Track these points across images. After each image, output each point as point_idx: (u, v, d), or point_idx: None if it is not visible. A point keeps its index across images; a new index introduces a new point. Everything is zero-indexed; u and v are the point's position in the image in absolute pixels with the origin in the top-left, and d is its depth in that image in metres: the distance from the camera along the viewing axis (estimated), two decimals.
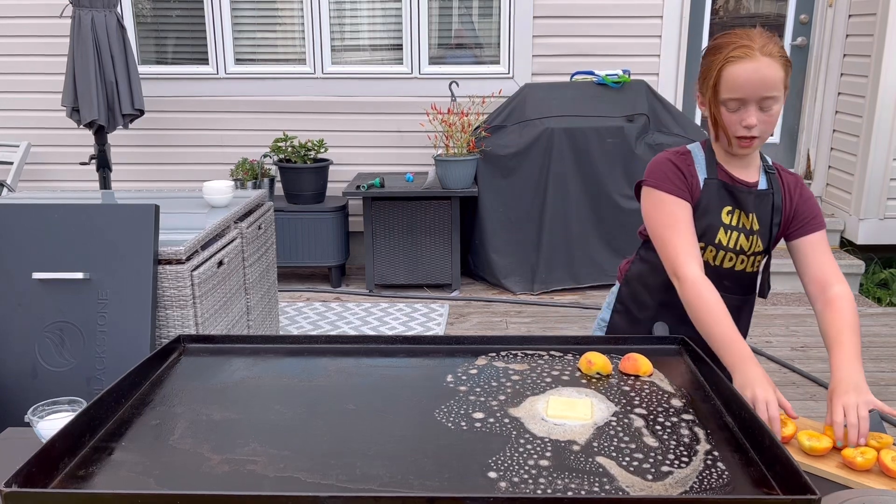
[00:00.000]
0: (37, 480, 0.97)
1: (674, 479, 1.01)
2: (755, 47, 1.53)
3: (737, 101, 1.55)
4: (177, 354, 1.44)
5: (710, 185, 1.65)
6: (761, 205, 1.67)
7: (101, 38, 4.08)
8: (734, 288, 1.72)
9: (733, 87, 1.54)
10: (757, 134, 1.57)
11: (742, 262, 1.70)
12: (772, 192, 1.68)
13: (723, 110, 1.58)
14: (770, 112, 1.56)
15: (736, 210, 1.66)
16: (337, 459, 1.06)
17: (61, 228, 2.31)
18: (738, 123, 1.57)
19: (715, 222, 1.66)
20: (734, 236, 1.67)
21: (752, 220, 1.67)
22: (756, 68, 1.52)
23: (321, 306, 4.46)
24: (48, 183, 5.06)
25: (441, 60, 5.02)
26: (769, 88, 1.53)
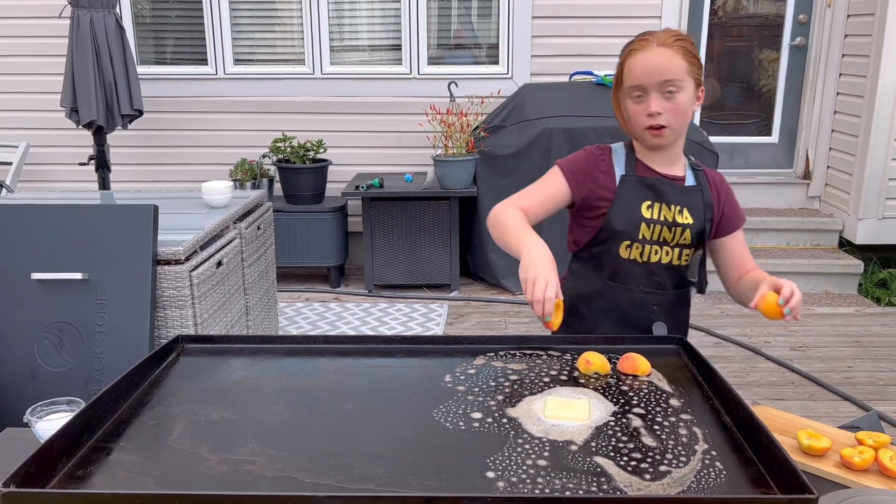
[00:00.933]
0: (35, 481, 0.97)
1: (672, 479, 1.01)
2: (653, 39, 1.62)
3: (637, 89, 1.62)
4: (175, 355, 1.44)
5: (626, 181, 1.69)
6: (692, 200, 1.70)
7: (99, 39, 4.08)
8: (666, 282, 1.74)
9: (632, 75, 1.63)
10: (665, 122, 1.62)
11: (668, 255, 1.71)
12: (700, 188, 1.72)
13: (629, 103, 1.65)
14: (675, 101, 1.61)
15: (656, 203, 1.69)
16: (335, 459, 1.06)
17: (60, 229, 2.31)
18: (643, 113, 1.62)
19: (636, 217, 1.68)
20: (656, 229, 1.69)
21: (675, 212, 1.69)
22: (651, 56, 1.60)
23: (320, 306, 4.46)
24: (47, 183, 5.06)
25: (440, 61, 5.02)
26: (664, 73, 1.59)
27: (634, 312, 1.72)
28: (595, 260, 1.75)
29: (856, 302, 4.55)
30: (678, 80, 1.60)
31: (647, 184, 1.69)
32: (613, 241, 1.70)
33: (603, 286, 1.73)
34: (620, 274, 1.72)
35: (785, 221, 4.96)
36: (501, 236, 1.61)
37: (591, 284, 1.76)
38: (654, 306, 1.73)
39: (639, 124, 1.64)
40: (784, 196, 5.26)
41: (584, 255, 1.78)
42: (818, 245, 4.98)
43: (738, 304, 1.78)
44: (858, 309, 4.43)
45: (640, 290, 1.72)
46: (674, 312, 1.77)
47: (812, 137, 5.13)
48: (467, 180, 4.43)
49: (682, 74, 1.60)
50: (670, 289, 1.74)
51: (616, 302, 1.72)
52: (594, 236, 1.72)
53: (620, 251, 1.70)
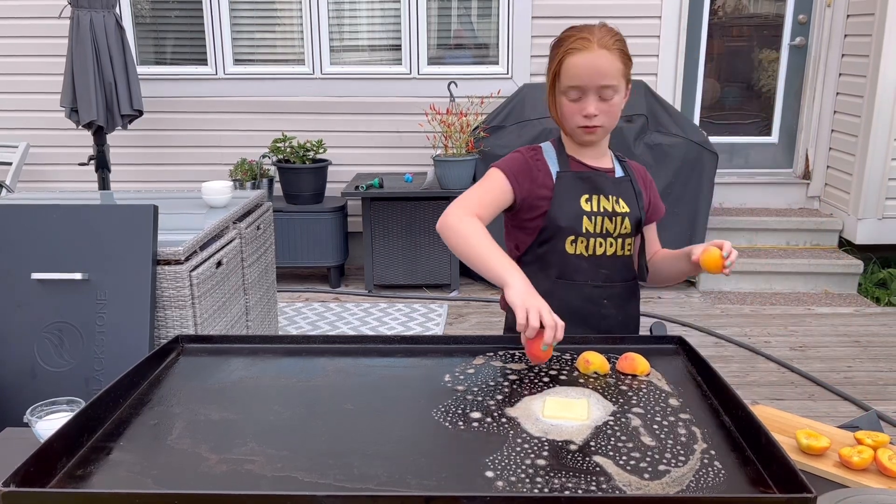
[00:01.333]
0: (35, 480, 0.97)
1: (671, 478, 1.02)
2: (593, 40, 1.62)
3: (576, 90, 1.62)
4: (175, 354, 1.44)
5: (563, 177, 1.70)
6: (625, 190, 1.74)
7: (99, 39, 4.08)
8: (614, 275, 1.75)
9: (572, 76, 1.62)
10: (599, 123, 1.64)
11: (612, 246, 1.73)
12: (629, 178, 1.76)
13: (563, 100, 1.65)
14: (610, 102, 1.63)
15: (594, 195, 1.71)
16: (335, 459, 1.06)
17: (60, 229, 2.32)
18: (579, 113, 1.64)
19: (577, 211, 1.69)
20: (598, 221, 1.71)
21: (613, 202, 1.71)
22: (592, 58, 1.61)
23: (320, 306, 4.46)
24: (47, 183, 5.06)
25: (440, 61, 5.03)
26: (604, 78, 1.60)
27: (586, 308, 1.72)
28: (542, 260, 1.74)
29: (855, 302, 4.55)
30: (615, 84, 1.62)
31: (582, 177, 1.71)
32: (558, 238, 1.70)
33: (553, 285, 1.71)
34: (569, 270, 1.72)
35: (785, 221, 4.96)
36: (468, 251, 1.58)
37: (540, 286, 1.70)
38: (604, 300, 1.74)
39: (573, 122, 1.66)
40: (784, 196, 5.26)
41: (529, 258, 1.76)
42: (818, 245, 4.98)
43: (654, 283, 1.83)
44: (858, 309, 4.43)
45: (590, 285, 1.73)
46: (624, 306, 1.78)
47: (812, 137, 5.13)
48: (467, 180, 4.43)
49: (618, 78, 1.62)
50: (618, 281, 1.76)
51: (567, 300, 1.70)
52: (538, 236, 1.73)
53: (566, 247, 1.70)
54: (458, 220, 1.61)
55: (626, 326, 1.79)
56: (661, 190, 4.44)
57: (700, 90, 5.16)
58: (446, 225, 1.62)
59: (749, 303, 4.53)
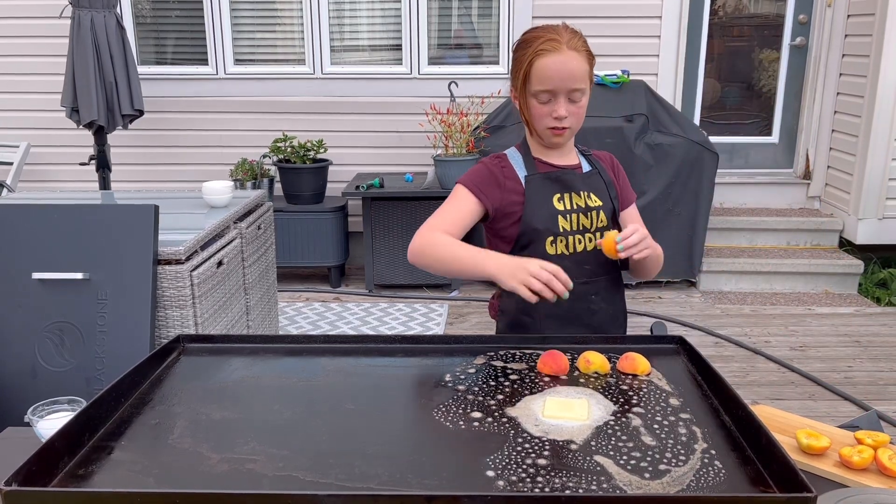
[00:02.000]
0: (36, 479, 0.98)
1: (671, 478, 1.02)
2: (562, 41, 1.61)
3: (547, 93, 1.62)
4: (176, 354, 1.45)
5: (531, 180, 1.71)
6: (594, 183, 1.74)
7: (100, 39, 4.08)
8: (597, 269, 1.75)
9: (542, 78, 1.61)
10: (568, 125, 1.65)
11: (591, 241, 1.73)
12: (597, 171, 1.77)
13: (533, 102, 1.65)
14: (578, 104, 1.64)
15: (566, 194, 1.71)
16: (336, 458, 1.06)
17: (61, 229, 2.32)
18: (549, 115, 1.64)
19: (551, 211, 1.69)
20: (573, 218, 1.71)
21: (585, 197, 1.72)
22: (564, 61, 1.60)
23: (320, 306, 4.46)
24: (48, 183, 5.06)
25: (440, 61, 5.03)
26: (576, 80, 1.61)
27: (575, 307, 1.70)
28: None
29: (856, 302, 4.55)
30: (583, 87, 1.63)
31: (551, 178, 1.71)
32: (537, 241, 1.70)
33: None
34: None
35: (785, 221, 4.96)
36: (450, 262, 1.60)
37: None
38: (592, 296, 1.73)
39: (542, 124, 1.66)
40: (784, 196, 5.26)
41: None
42: (818, 245, 4.98)
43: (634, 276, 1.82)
44: (858, 309, 4.43)
45: (576, 283, 1.68)
46: (611, 299, 1.78)
47: (812, 137, 5.13)
48: None
49: (586, 79, 1.63)
50: (602, 275, 1.76)
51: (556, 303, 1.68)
52: (516, 242, 1.72)
53: (547, 248, 1.70)
54: (424, 239, 1.64)
55: (615, 319, 1.79)
56: (662, 190, 4.45)
57: (700, 90, 5.16)
58: (415, 249, 1.64)
59: (749, 303, 4.53)
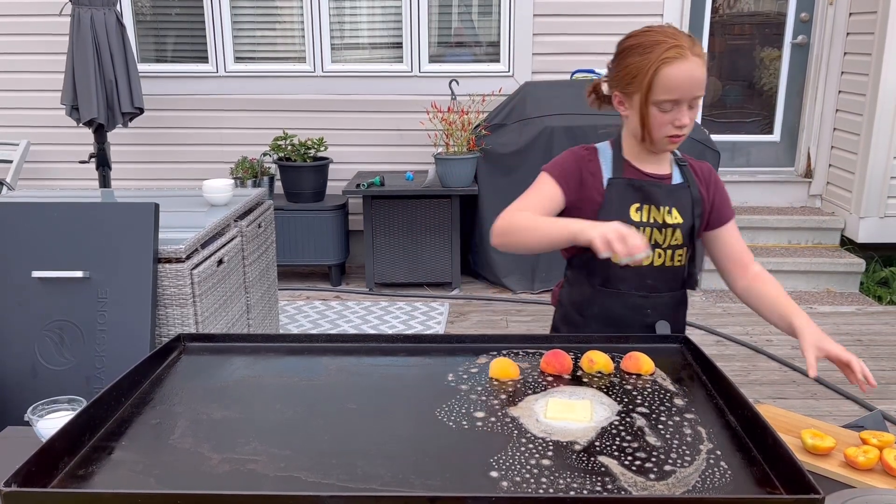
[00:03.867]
0: (36, 480, 0.97)
1: (676, 479, 1.01)
2: (686, 47, 1.53)
3: (671, 102, 1.54)
4: (177, 353, 1.44)
5: (614, 184, 1.65)
6: (680, 198, 1.67)
7: (100, 37, 4.07)
8: (660, 286, 1.70)
9: (669, 87, 1.53)
10: (686, 132, 1.59)
11: (660, 257, 1.68)
12: (688, 185, 1.69)
13: (654, 111, 1.56)
14: (694, 110, 1.58)
15: (645, 206, 1.65)
16: (338, 459, 1.05)
17: (61, 227, 2.31)
18: (671, 123, 1.57)
19: (625, 220, 1.62)
20: (647, 232, 1.65)
21: (664, 213, 1.65)
22: (690, 69, 1.53)
23: (321, 305, 4.46)
24: (48, 181, 5.05)
25: (441, 59, 5.02)
26: (700, 88, 1.55)
27: (629, 317, 1.69)
28: (587, 266, 1.71)
29: (857, 300, 4.54)
30: (703, 93, 1.57)
31: (635, 186, 1.65)
32: None
33: (594, 292, 1.70)
34: (612, 279, 1.68)
35: (786, 220, 4.95)
36: (531, 234, 1.56)
37: (584, 291, 1.73)
38: (648, 310, 1.70)
39: (662, 133, 1.58)
40: (785, 194, 5.25)
41: (577, 262, 1.74)
42: (820, 243, 4.98)
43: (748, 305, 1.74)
44: (860, 307, 4.42)
45: (634, 294, 1.68)
46: (670, 315, 1.73)
47: (814, 136, 5.12)
48: (468, 179, 4.43)
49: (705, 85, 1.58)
50: (665, 291, 1.71)
51: (609, 308, 1.68)
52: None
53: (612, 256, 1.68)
54: (507, 218, 1.60)
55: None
56: None
57: None
58: (498, 230, 1.59)
59: None
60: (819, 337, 1.51)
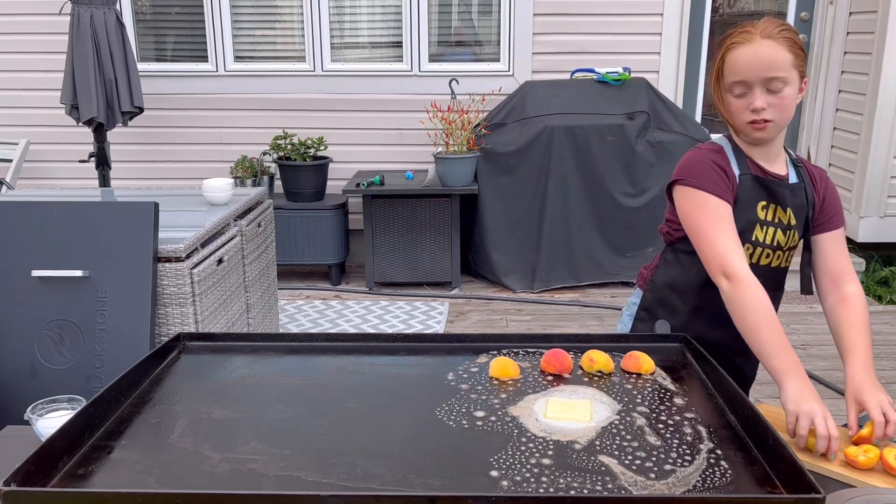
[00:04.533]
0: (36, 479, 0.97)
1: (677, 478, 1.01)
2: (756, 31, 1.53)
3: (741, 85, 1.54)
4: (176, 352, 1.44)
5: (744, 180, 1.61)
6: (796, 199, 1.64)
7: (100, 36, 4.07)
8: (766, 285, 1.63)
9: (735, 70, 1.54)
10: (769, 117, 1.54)
11: (778, 259, 1.66)
12: (803, 185, 1.66)
13: (729, 98, 1.57)
14: (780, 95, 1.53)
15: (771, 205, 1.63)
16: (338, 458, 1.05)
17: (60, 226, 2.31)
18: (747, 108, 1.55)
19: (752, 218, 1.61)
20: (770, 232, 1.63)
21: (788, 214, 1.63)
22: (755, 50, 1.52)
23: (321, 304, 4.46)
24: (47, 181, 5.05)
25: (441, 58, 5.01)
26: (770, 69, 1.51)
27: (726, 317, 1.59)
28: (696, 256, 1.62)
29: None
30: (783, 76, 1.51)
31: (762, 183, 1.61)
32: None
33: (703, 286, 1.64)
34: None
35: None
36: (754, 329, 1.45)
37: (689, 281, 1.68)
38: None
39: (741, 119, 1.57)
40: None
41: (685, 248, 1.68)
42: None
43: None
44: None
45: None
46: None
47: (814, 135, 5.12)
48: (468, 178, 4.42)
49: (787, 68, 1.52)
50: (770, 291, 1.61)
51: (714, 304, 1.59)
52: None
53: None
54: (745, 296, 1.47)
55: None
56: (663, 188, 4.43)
57: (702, 87, 5.15)
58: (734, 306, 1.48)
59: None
60: (858, 389, 1.46)
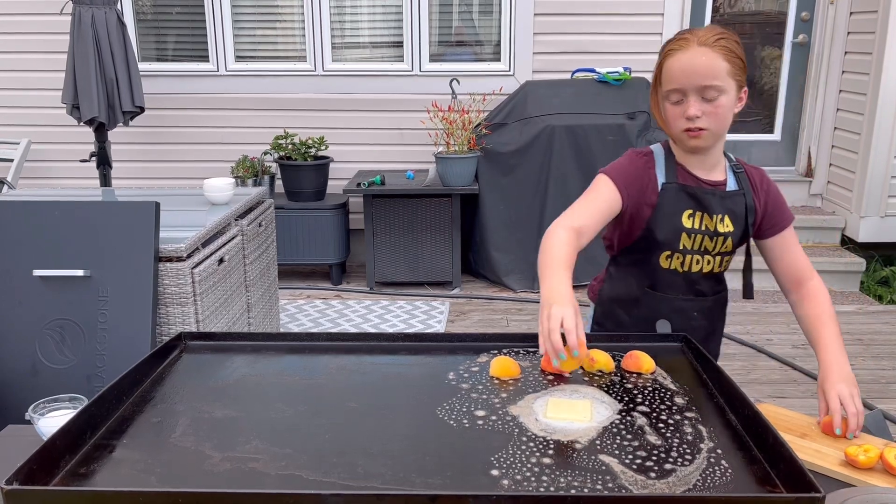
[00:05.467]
0: (38, 478, 0.97)
1: (677, 478, 1.01)
2: (693, 39, 1.53)
3: (677, 93, 1.55)
4: (178, 352, 1.44)
5: (668, 189, 1.62)
6: (734, 206, 1.65)
7: (101, 35, 4.07)
8: (706, 290, 1.71)
9: (671, 77, 1.55)
10: (704, 125, 1.54)
11: (709, 263, 1.67)
12: (742, 192, 1.66)
13: (666, 105, 1.58)
14: (716, 103, 1.53)
15: (698, 213, 1.63)
16: (339, 457, 1.05)
17: (62, 226, 2.31)
18: (682, 116, 1.55)
19: (677, 227, 1.63)
20: (698, 239, 1.64)
21: (717, 220, 1.63)
22: (691, 58, 1.52)
23: (322, 304, 4.46)
24: (48, 180, 5.05)
25: (441, 58, 5.01)
26: (705, 77, 1.51)
27: (675, 319, 1.69)
28: (635, 267, 1.71)
29: (858, 300, 4.54)
30: (718, 84, 1.52)
31: (688, 192, 1.62)
32: (654, 250, 1.66)
33: (643, 295, 1.70)
34: (661, 283, 1.69)
35: None
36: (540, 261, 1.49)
37: (631, 291, 1.73)
38: (694, 312, 1.70)
39: (677, 127, 1.58)
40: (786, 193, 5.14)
41: (624, 261, 1.74)
42: (820, 243, 4.97)
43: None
44: (860, 307, 4.42)
45: (681, 298, 1.69)
46: (713, 317, 1.74)
47: (814, 135, 5.12)
48: (469, 178, 4.43)
49: (723, 77, 1.52)
50: (710, 295, 1.72)
51: (657, 310, 1.68)
52: (634, 243, 1.68)
53: (661, 261, 1.66)
54: (551, 231, 1.53)
55: (712, 336, 1.75)
56: None
57: None
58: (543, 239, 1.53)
59: (751, 301, 4.52)
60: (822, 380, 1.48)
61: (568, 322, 1.27)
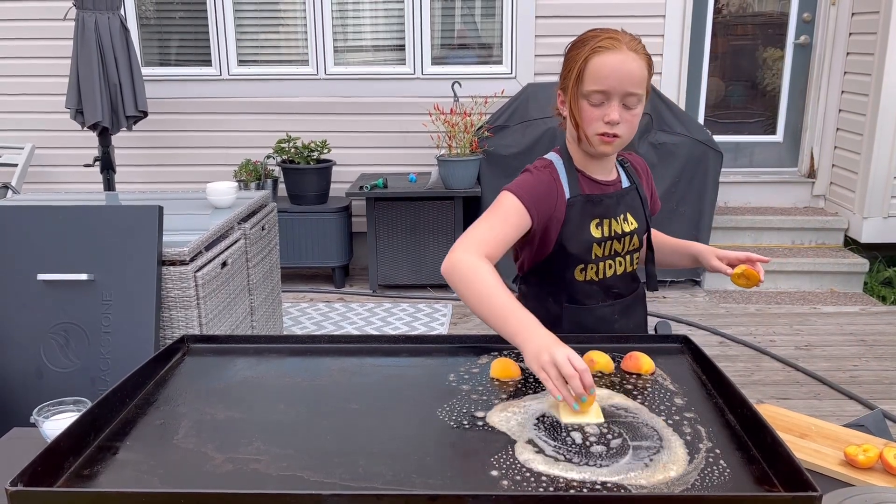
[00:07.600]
0: (42, 480, 0.98)
1: (676, 477, 1.02)
2: (622, 41, 1.49)
3: (600, 94, 1.49)
4: (181, 354, 1.45)
5: (574, 203, 1.58)
6: (632, 202, 1.65)
7: (104, 41, 4.09)
8: (623, 291, 1.70)
9: (598, 77, 1.48)
10: (620, 132, 1.51)
11: (621, 264, 1.67)
12: (635, 185, 1.68)
13: (584, 104, 1.51)
14: (633, 112, 1.51)
15: (605, 220, 1.61)
16: (340, 458, 1.06)
17: (66, 230, 2.32)
18: (601, 119, 1.50)
19: (587, 239, 1.60)
20: (607, 245, 1.63)
21: (621, 222, 1.63)
22: (622, 60, 1.47)
23: (325, 307, 4.47)
24: (52, 185, 5.07)
25: (443, 61, 5.03)
26: (633, 83, 1.48)
27: (598, 326, 1.65)
28: (550, 284, 1.66)
29: (861, 301, 4.54)
30: (640, 93, 1.49)
31: (593, 202, 1.60)
32: (567, 266, 1.62)
33: (562, 310, 1.65)
34: (578, 296, 1.65)
35: (790, 220, 4.95)
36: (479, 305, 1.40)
37: (550, 309, 1.66)
38: (615, 315, 1.69)
39: (592, 129, 1.52)
40: (789, 195, 5.25)
41: (536, 281, 1.69)
42: (823, 244, 4.97)
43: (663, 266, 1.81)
44: (864, 308, 4.42)
45: (601, 305, 1.66)
46: (632, 314, 1.73)
47: (817, 136, 5.12)
48: (471, 180, 4.44)
49: (643, 86, 1.50)
50: (627, 295, 1.71)
51: (578, 322, 1.64)
52: (545, 261, 1.63)
53: (576, 275, 1.62)
54: (460, 262, 1.43)
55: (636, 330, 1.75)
56: (666, 189, 4.44)
57: (704, 89, 5.15)
58: (447, 270, 1.44)
59: (754, 302, 4.52)
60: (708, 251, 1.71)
61: (577, 362, 1.19)
